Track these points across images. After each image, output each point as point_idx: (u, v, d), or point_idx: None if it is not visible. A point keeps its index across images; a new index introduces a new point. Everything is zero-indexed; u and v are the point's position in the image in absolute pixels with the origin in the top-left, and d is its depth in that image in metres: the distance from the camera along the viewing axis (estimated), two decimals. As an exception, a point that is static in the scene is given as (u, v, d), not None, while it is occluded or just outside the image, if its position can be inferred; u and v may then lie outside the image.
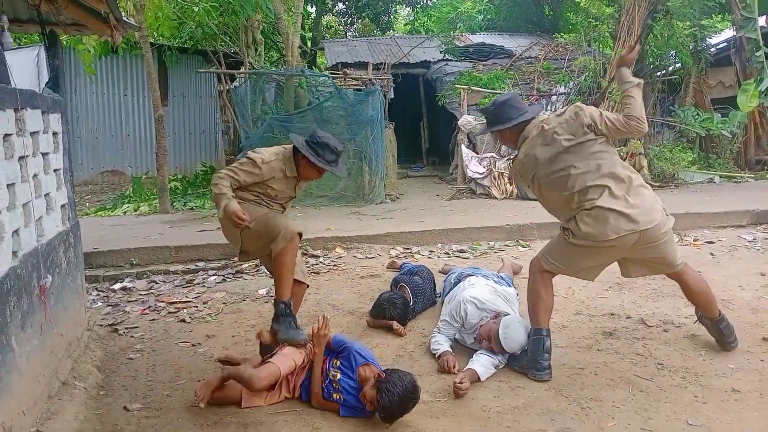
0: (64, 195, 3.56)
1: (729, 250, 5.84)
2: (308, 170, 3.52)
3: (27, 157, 2.93)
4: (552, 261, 3.38)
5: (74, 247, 3.72)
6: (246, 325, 4.29)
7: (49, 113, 3.35)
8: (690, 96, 11.09)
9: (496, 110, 3.40)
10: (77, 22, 4.26)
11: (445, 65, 13.32)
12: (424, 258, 5.87)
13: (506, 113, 3.35)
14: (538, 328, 3.34)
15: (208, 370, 3.56)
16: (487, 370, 3.28)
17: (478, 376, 3.21)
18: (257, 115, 9.60)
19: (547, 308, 3.39)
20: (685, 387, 3.10)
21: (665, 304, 4.36)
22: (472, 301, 3.73)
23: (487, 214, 7.55)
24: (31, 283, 2.81)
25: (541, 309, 3.37)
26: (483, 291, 3.86)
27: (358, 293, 4.84)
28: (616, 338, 3.77)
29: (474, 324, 3.63)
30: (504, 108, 3.37)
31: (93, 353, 3.74)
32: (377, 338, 3.94)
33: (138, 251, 5.99)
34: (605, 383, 3.17)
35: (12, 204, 2.68)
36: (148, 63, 8.50)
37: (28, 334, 2.73)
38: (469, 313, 3.69)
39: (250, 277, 5.49)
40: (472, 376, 3.20)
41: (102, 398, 3.23)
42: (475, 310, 3.69)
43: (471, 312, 3.69)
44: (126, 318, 4.58)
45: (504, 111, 3.36)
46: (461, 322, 3.71)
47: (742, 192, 8.38)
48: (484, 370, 3.26)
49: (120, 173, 12.52)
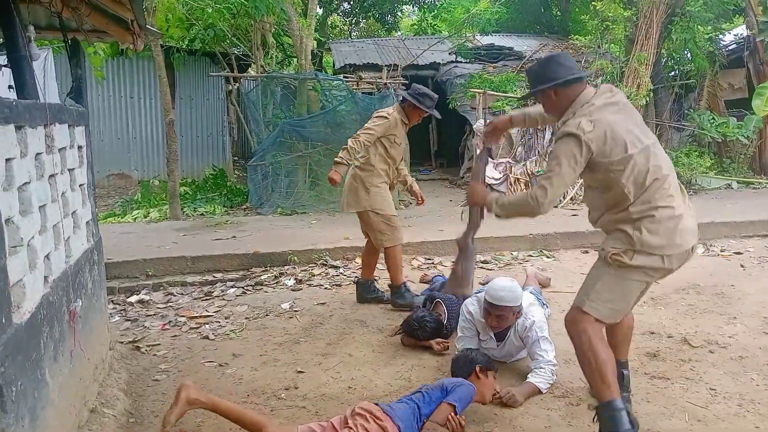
0: (88, 211, 3.41)
1: (759, 261, 5.72)
2: (414, 115, 4.59)
3: (56, 175, 2.78)
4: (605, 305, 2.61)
5: (98, 265, 3.58)
6: (272, 343, 4.15)
7: (74, 126, 3.20)
8: (705, 100, 10.96)
9: (540, 68, 2.76)
10: (98, 29, 4.11)
11: (455, 67, 13.18)
12: (448, 270, 5.72)
13: (553, 71, 2.68)
14: (611, 401, 2.52)
15: (239, 394, 3.43)
16: (547, 384, 3.19)
17: (535, 390, 3.11)
18: (268, 119, 9.47)
19: (613, 370, 2.58)
20: (743, 416, 2.96)
21: (705, 322, 4.22)
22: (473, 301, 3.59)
23: (506, 221, 7.39)
24: (61, 308, 2.67)
25: (608, 373, 2.54)
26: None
27: (385, 308, 4.70)
28: (661, 360, 3.63)
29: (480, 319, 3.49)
30: (550, 65, 2.71)
31: (118, 375, 3.60)
32: (412, 359, 3.80)
33: (153, 262, 5.85)
34: (660, 411, 3.03)
35: (43, 227, 2.53)
36: (159, 66, 8.35)
37: (60, 363, 2.58)
38: (473, 312, 3.54)
39: (270, 290, 5.35)
40: (527, 390, 3.07)
41: (132, 426, 3.09)
42: (476, 306, 3.54)
43: (474, 310, 3.54)
44: (147, 334, 4.44)
45: (550, 68, 2.70)
46: (473, 327, 3.56)
47: (763, 199, 8.25)
48: (545, 384, 3.16)
49: (126, 177, 12.35)
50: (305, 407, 3.24)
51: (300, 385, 3.51)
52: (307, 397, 3.37)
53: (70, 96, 3.66)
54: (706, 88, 11.03)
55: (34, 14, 4.12)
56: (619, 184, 2.55)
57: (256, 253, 6.03)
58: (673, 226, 2.54)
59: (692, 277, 5.16)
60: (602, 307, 2.59)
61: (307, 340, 4.18)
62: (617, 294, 2.61)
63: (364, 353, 3.92)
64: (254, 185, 9.12)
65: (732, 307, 4.49)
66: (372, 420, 2.71)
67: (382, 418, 2.72)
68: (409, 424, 2.77)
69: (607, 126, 2.52)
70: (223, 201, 9.68)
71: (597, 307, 2.59)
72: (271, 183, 8.98)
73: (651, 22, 8.97)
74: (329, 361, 3.82)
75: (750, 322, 4.16)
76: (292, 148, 8.95)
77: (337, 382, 3.53)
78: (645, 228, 2.53)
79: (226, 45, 10.86)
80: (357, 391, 3.37)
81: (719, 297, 4.70)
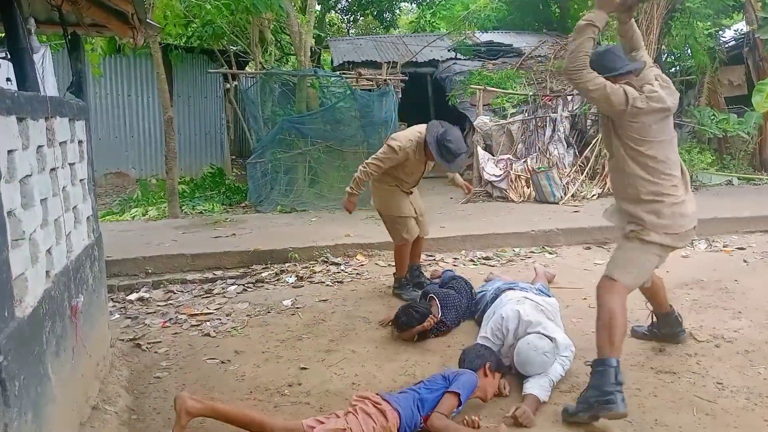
0: (89, 206, 3.37)
1: (762, 256, 5.69)
2: (432, 157, 4.49)
3: (57, 169, 2.74)
4: (633, 273, 3.05)
5: (99, 261, 3.54)
6: (275, 339, 4.11)
7: (74, 120, 3.16)
8: (705, 96, 10.93)
9: (599, 59, 3.01)
10: (98, 22, 4.06)
11: (454, 64, 13.12)
12: (448, 266, 5.69)
13: (612, 61, 3.02)
14: (607, 359, 2.84)
15: (242, 390, 3.40)
16: (547, 391, 3.09)
17: (539, 401, 3.02)
18: (267, 116, 9.42)
19: (623, 336, 2.95)
20: (752, 410, 2.94)
21: (710, 317, 4.20)
22: (513, 316, 3.54)
23: (507, 218, 7.39)
24: (63, 304, 2.63)
25: (618, 335, 2.89)
26: (525, 307, 3.65)
27: (387, 305, 4.66)
28: (667, 354, 3.61)
29: (512, 343, 3.44)
30: (608, 56, 3.05)
31: (119, 372, 3.56)
32: (415, 355, 3.77)
33: (153, 259, 5.80)
34: (667, 406, 3.01)
35: (45, 221, 2.50)
36: (157, 63, 8.29)
37: (62, 359, 2.55)
38: (510, 329, 3.51)
39: (271, 287, 5.31)
40: (533, 404, 2.97)
41: (134, 423, 3.06)
42: (515, 326, 3.50)
43: (512, 329, 3.50)
44: (147, 332, 4.40)
45: (609, 58, 3.03)
46: (502, 339, 3.53)
47: (764, 195, 8.23)
48: (544, 392, 3.07)
49: (124, 175, 12.27)
50: (309, 403, 3.21)
51: (303, 381, 3.48)
52: (310, 393, 3.34)
53: (70, 90, 3.61)
54: (706, 84, 11.00)
55: (33, 8, 4.08)
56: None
57: (257, 250, 5.99)
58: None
59: (695, 273, 5.15)
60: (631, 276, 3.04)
61: (309, 336, 4.14)
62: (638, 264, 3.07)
63: (367, 349, 3.89)
64: (253, 183, 9.07)
65: (736, 301, 4.46)
66: (371, 404, 2.77)
67: (381, 402, 2.78)
68: (409, 410, 2.79)
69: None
70: (221, 199, 9.63)
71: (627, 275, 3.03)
72: (270, 180, 8.93)
73: (651, 18, 8.95)
74: (332, 357, 3.79)
75: (755, 316, 4.13)
76: (291, 145, 8.91)
77: (341, 379, 3.50)
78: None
79: (224, 42, 10.80)
80: (361, 387, 3.34)
81: (723, 292, 4.68)
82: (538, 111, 9.60)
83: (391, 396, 2.87)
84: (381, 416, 2.73)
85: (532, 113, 9.61)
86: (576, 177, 8.77)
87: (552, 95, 9.85)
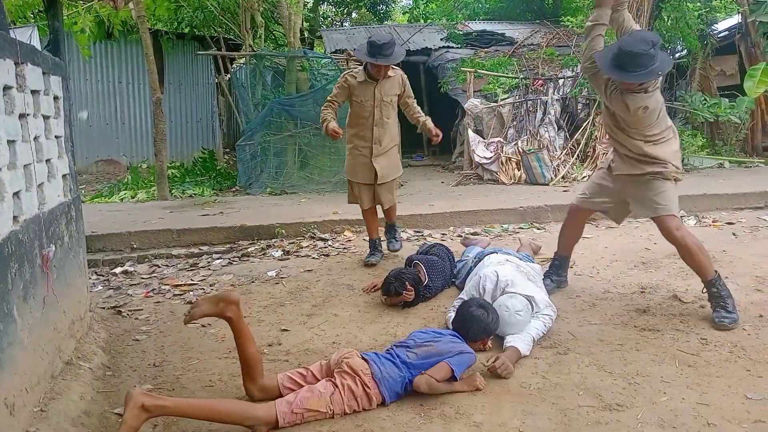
0: (65, 164, 3.32)
1: (751, 230, 5.66)
2: (374, 69, 4.45)
3: (28, 116, 2.70)
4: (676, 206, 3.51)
5: (76, 222, 3.49)
6: (257, 306, 4.06)
7: (50, 74, 3.11)
8: (696, 82, 10.91)
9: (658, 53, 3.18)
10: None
11: (447, 52, 13.06)
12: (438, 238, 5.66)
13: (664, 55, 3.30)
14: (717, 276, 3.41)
15: (220, 351, 3.35)
16: (528, 345, 3.05)
17: (520, 354, 2.98)
18: (257, 101, 9.36)
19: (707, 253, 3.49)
20: (734, 361, 2.91)
21: (696, 282, 4.09)
22: (492, 277, 3.52)
23: (498, 198, 7.34)
24: (32, 251, 2.59)
25: (707, 254, 3.47)
26: (505, 268, 3.63)
27: (372, 274, 4.62)
28: (651, 315, 3.57)
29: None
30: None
31: (97, 334, 3.51)
32: (398, 317, 3.73)
33: (138, 235, 5.75)
34: (650, 359, 2.97)
35: (12, 163, 2.45)
36: (145, 44, 8.22)
37: (31, 305, 2.50)
38: (487, 289, 3.48)
39: (257, 260, 5.26)
40: (514, 356, 2.94)
41: (109, 379, 3.01)
42: (492, 287, 3.48)
43: (489, 289, 3.48)
44: (129, 301, 4.35)
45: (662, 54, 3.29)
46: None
47: (755, 176, 8.20)
48: (525, 345, 3.03)
49: (115, 162, 12.22)
50: (288, 360, 3.18)
51: (284, 341, 3.44)
52: (290, 352, 3.30)
53: (47, 48, 3.56)
54: (698, 70, 10.98)
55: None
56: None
57: (243, 226, 5.94)
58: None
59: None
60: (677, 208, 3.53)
61: (292, 302, 4.10)
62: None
63: (349, 313, 3.85)
64: (243, 165, 9.01)
65: (724, 269, 4.38)
66: (361, 385, 2.63)
67: (371, 385, 2.64)
68: (395, 393, 2.68)
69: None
70: (212, 184, 9.57)
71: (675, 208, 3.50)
72: (259, 163, 8.88)
73: (642, 1, 8.91)
74: (314, 320, 3.75)
75: (742, 281, 4.10)
76: (281, 127, 8.85)
77: (321, 339, 3.46)
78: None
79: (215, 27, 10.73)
80: (341, 347, 3.30)
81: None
82: (529, 95, 9.57)
83: (382, 374, 2.66)
84: (366, 400, 2.61)
85: (523, 96, 9.57)
86: (567, 159, 8.73)
87: (543, 79, 9.80)
